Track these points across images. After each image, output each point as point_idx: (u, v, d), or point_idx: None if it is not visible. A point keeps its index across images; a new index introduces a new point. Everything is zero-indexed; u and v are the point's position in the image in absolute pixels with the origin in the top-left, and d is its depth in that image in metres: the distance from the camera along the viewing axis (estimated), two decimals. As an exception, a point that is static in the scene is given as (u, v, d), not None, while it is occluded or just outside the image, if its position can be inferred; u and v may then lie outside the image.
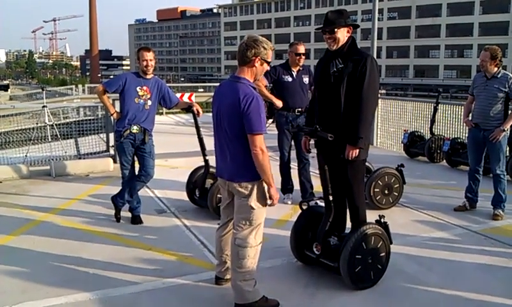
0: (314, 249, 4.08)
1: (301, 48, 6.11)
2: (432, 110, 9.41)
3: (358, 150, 3.92)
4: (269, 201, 3.56)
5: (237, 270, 3.55)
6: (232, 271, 3.60)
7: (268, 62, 3.54)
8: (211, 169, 5.75)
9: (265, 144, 3.38)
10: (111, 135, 8.37)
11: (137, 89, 5.35)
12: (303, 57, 6.12)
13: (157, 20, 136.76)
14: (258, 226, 3.58)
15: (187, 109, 5.77)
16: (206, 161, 5.79)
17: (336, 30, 3.91)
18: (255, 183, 3.49)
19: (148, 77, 5.43)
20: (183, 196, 6.15)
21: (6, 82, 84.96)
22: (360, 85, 3.84)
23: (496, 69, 5.68)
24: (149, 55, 5.35)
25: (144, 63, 5.34)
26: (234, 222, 3.64)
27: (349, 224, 4.26)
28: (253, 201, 3.51)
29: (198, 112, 5.60)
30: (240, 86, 3.41)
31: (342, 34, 3.94)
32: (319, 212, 4.29)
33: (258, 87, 6.16)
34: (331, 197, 4.10)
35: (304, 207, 4.35)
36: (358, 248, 3.86)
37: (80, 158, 8.57)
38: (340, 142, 3.90)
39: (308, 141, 4.43)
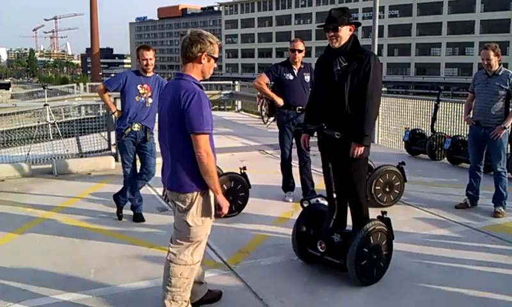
0: (318, 247, 4.08)
1: (298, 45, 6.11)
2: (433, 108, 9.41)
3: (363, 148, 3.94)
4: (217, 211, 3.20)
5: (166, 288, 3.24)
6: (162, 288, 3.30)
7: (215, 59, 3.21)
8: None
9: (210, 145, 3.06)
10: (113, 134, 8.38)
11: (138, 87, 5.36)
12: (300, 53, 6.11)
13: (158, 18, 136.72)
14: (197, 243, 3.23)
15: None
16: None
17: (339, 28, 3.92)
18: (195, 195, 3.14)
19: (149, 75, 5.44)
20: (184, 194, 6.15)
21: (7, 80, 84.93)
22: (364, 83, 3.87)
23: (498, 66, 5.69)
24: (149, 55, 5.35)
25: (144, 62, 5.35)
26: (172, 234, 3.34)
27: (349, 222, 4.27)
28: (190, 217, 3.15)
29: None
30: (182, 83, 3.10)
31: (345, 32, 3.95)
32: (321, 210, 4.31)
33: (260, 86, 6.20)
34: (334, 195, 4.11)
35: (306, 205, 4.36)
36: (366, 243, 3.89)
37: (82, 156, 8.60)
38: (344, 140, 3.92)
39: (307, 139, 4.44)
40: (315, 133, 4.14)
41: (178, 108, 3.02)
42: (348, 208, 4.28)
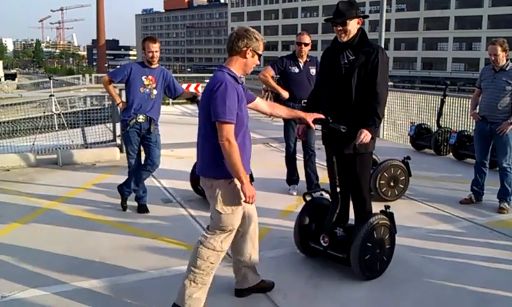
0: (321, 241, 4.08)
1: (305, 38, 6.09)
2: (439, 102, 9.37)
3: (369, 136, 3.83)
4: (243, 199, 3.21)
5: (190, 268, 3.29)
6: (187, 268, 3.33)
7: (259, 55, 3.32)
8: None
9: (233, 135, 3.10)
10: (118, 125, 8.40)
11: (143, 78, 5.36)
12: (306, 47, 6.09)
13: (164, 10, 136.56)
14: (229, 232, 3.31)
15: (192, 99, 5.77)
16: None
17: (347, 21, 3.88)
18: (220, 182, 3.22)
19: (154, 66, 5.44)
20: (189, 185, 6.17)
21: (13, 71, 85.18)
22: (372, 77, 3.84)
23: (505, 61, 5.65)
24: (155, 47, 5.35)
25: (150, 55, 5.34)
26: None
27: (351, 216, 4.27)
28: (219, 205, 3.22)
29: (202, 102, 5.58)
30: (217, 74, 3.23)
31: (353, 26, 3.91)
32: (323, 204, 4.30)
33: (265, 79, 6.19)
34: (338, 189, 4.10)
35: (308, 199, 4.35)
36: (369, 237, 3.88)
37: (87, 147, 8.62)
38: (349, 134, 3.89)
39: (302, 129, 4.39)
40: (320, 127, 4.09)
41: (208, 96, 3.17)
42: (350, 202, 4.27)
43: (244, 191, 3.16)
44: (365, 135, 3.83)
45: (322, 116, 3.82)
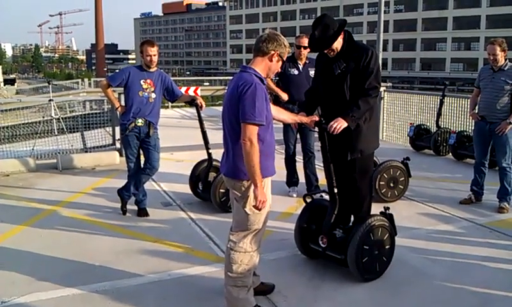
0: (320, 242, 4.08)
1: (304, 41, 6.09)
2: (438, 103, 9.37)
3: (343, 125, 3.77)
4: (254, 202, 3.19)
5: (228, 275, 3.35)
6: (224, 275, 3.40)
7: (283, 61, 3.41)
8: (214, 163, 5.77)
9: (256, 137, 3.11)
10: (117, 129, 8.40)
11: (141, 82, 5.36)
12: (305, 50, 6.09)
13: (162, 14, 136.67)
14: (255, 232, 3.35)
15: (191, 102, 5.78)
16: (209, 154, 5.81)
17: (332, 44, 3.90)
18: (250, 183, 3.22)
19: (152, 70, 5.44)
20: (188, 189, 6.18)
21: (12, 76, 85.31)
22: (364, 79, 3.87)
23: (504, 61, 5.66)
24: (153, 51, 5.34)
25: (148, 58, 5.34)
26: (232, 223, 3.46)
27: (352, 217, 4.27)
28: (248, 206, 3.26)
29: (201, 105, 5.60)
30: (243, 75, 3.23)
31: (338, 42, 3.92)
32: (323, 205, 4.30)
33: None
34: (335, 190, 4.10)
35: (308, 200, 4.34)
36: (366, 239, 3.88)
37: (86, 151, 8.61)
38: (349, 138, 3.89)
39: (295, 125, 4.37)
40: (316, 128, 4.08)
41: (235, 97, 3.16)
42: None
43: (256, 194, 3.16)
44: (338, 123, 3.77)
45: (317, 118, 3.89)
